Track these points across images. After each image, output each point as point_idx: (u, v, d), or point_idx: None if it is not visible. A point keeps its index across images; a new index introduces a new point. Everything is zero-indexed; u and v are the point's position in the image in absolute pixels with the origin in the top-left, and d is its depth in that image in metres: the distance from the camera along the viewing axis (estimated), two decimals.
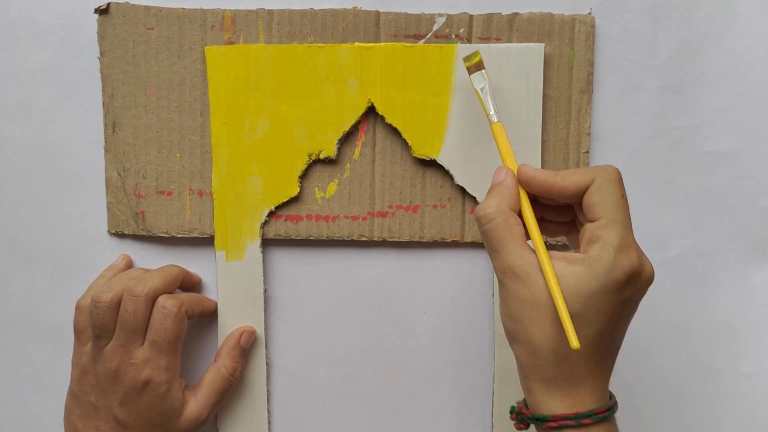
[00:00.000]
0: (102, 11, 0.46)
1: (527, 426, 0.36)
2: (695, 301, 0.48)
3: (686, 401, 0.48)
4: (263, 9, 0.45)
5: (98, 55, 0.46)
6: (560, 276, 0.33)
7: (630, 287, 0.33)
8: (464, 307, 0.48)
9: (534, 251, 0.34)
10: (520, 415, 0.36)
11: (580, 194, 0.35)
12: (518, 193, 0.36)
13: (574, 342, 0.32)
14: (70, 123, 0.47)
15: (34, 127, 0.47)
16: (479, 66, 0.41)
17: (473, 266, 0.48)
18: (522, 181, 0.36)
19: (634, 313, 0.35)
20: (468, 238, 0.47)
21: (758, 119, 0.47)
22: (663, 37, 0.46)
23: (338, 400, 0.48)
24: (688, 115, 0.47)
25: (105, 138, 0.47)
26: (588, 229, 0.34)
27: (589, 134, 0.46)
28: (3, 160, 0.48)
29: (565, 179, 0.35)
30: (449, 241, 0.47)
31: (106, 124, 0.47)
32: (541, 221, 0.38)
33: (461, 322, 0.48)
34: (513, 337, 0.35)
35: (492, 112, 0.40)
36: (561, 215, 0.38)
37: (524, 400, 0.37)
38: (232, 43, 0.45)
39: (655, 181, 0.47)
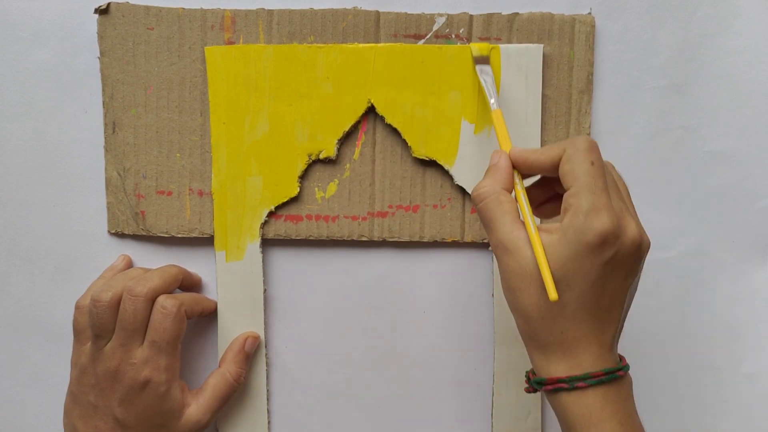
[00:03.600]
0: (102, 11, 0.46)
1: (534, 390, 0.37)
2: (695, 301, 0.48)
3: (686, 401, 0.48)
4: (263, 9, 0.45)
5: (98, 55, 0.46)
6: (543, 246, 0.35)
7: (608, 248, 0.34)
8: (464, 307, 0.48)
9: (524, 226, 0.36)
10: (528, 378, 0.38)
11: (556, 166, 0.36)
12: (511, 173, 0.38)
13: (553, 293, 0.34)
14: (70, 123, 0.47)
15: (34, 127, 0.47)
16: (487, 59, 0.44)
17: (473, 266, 0.47)
18: (513, 162, 0.38)
19: (632, 276, 0.36)
20: (468, 238, 0.47)
21: (758, 119, 0.47)
22: (663, 37, 0.46)
23: (338, 399, 0.48)
24: (688, 115, 0.47)
25: (105, 138, 0.47)
26: (564, 198, 0.35)
27: (589, 134, 0.46)
28: (3, 160, 0.48)
29: (543, 154, 0.37)
30: (449, 241, 0.47)
31: (106, 124, 0.47)
32: (550, 201, 0.40)
33: (461, 322, 0.48)
34: (511, 306, 0.37)
35: (493, 101, 0.42)
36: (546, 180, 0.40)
37: None
38: (232, 43, 0.45)
39: (655, 181, 0.47)
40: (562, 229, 0.35)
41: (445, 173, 0.46)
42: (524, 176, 0.38)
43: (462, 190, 0.46)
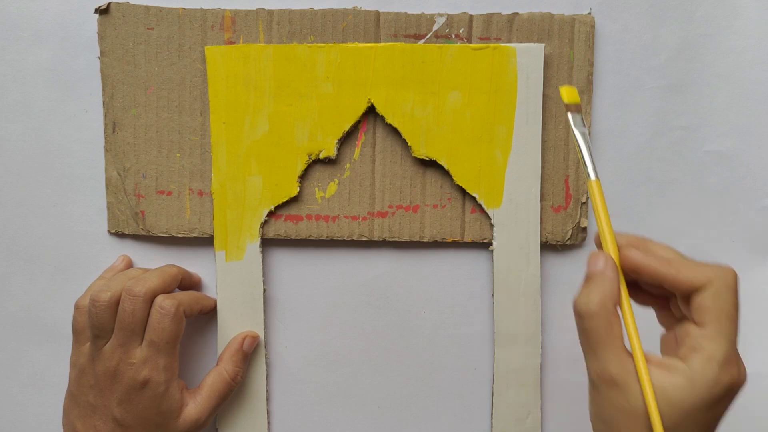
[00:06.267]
0: (102, 11, 0.46)
1: None
2: None
3: None
4: (263, 9, 0.45)
5: (98, 55, 0.46)
6: (658, 386, 0.31)
7: (727, 400, 0.32)
8: (464, 307, 0.48)
9: (631, 355, 0.32)
10: None
11: (692, 291, 0.32)
12: (619, 286, 0.33)
13: None
14: (70, 123, 0.47)
15: (34, 127, 0.47)
16: (579, 108, 0.37)
17: (473, 266, 0.47)
18: (627, 269, 0.33)
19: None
20: (468, 238, 0.47)
21: (758, 119, 0.47)
22: (663, 37, 0.46)
23: (338, 400, 0.48)
24: (688, 115, 0.47)
25: (105, 138, 0.47)
26: (691, 333, 0.32)
27: (589, 134, 0.46)
28: (3, 160, 0.48)
29: (680, 272, 0.32)
30: (449, 241, 0.47)
31: (106, 124, 0.47)
32: (631, 285, 0.35)
33: (461, 322, 0.48)
34: None
35: (591, 168, 0.35)
36: (656, 287, 0.35)
37: None
38: (232, 43, 0.45)
39: (655, 181, 0.47)
40: (690, 374, 0.31)
41: (446, 173, 0.46)
42: (630, 279, 0.34)
43: (462, 190, 0.46)
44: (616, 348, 0.32)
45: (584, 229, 0.47)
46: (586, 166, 0.35)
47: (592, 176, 0.34)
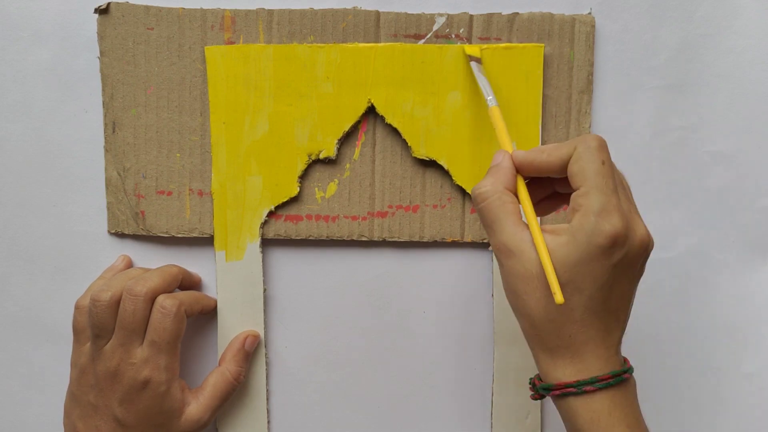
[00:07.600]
0: (102, 11, 0.46)
1: (541, 397, 0.37)
2: (695, 301, 0.48)
3: (686, 401, 0.48)
4: (263, 9, 0.45)
5: (98, 55, 0.46)
6: (550, 249, 0.34)
7: (618, 250, 0.33)
8: (464, 307, 0.48)
9: (528, 227, 0.35)
10: (534, 385, 0.37)
11: (564, 167, 0.35)
12: (514, 173, 0.37)
13: (559, 297, 0.33)
14: (70, 123, 0.47)
15: (34, 127, 0.47)
16: (479, 60, 0.45)
17: (473, 266, 0.47)
18: (517, 166, 0.37)
19: (638, 277, 0.35)
20: (468, 238, 0.47)
21: (758, 119, 0.47)
22: (663, 37, 0.46)
23: (338, 400, 0.48)
24: (688, 115, 0.47)
25: (105, 138, 0.47)
26: (572, 198, 0.35)
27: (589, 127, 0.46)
28: (3, 160, 0.48)
29: (551, 155, 0.36)
30: (449, 241, 0.47)
31: (106, 124, 0.47)
32: (546, 199, 0.39)
33: (461, 322, 0.48)
34: (515, 310, 0.36)
35: (490, 97, 0.41)
36: (548, 184, 0.39)
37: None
38: (232, 42, 0.45)
39: (655, 181, 0.47)
40: (571, 230, 0.34)
41: (445, 173, 0.46)
42: (526, 178, 0.38)
43: (462, 190, 0.46)
44: (510, 222, 0.35)
45: None
46: (486, 96, 0.41)
47: (494, 103, 0.41)
